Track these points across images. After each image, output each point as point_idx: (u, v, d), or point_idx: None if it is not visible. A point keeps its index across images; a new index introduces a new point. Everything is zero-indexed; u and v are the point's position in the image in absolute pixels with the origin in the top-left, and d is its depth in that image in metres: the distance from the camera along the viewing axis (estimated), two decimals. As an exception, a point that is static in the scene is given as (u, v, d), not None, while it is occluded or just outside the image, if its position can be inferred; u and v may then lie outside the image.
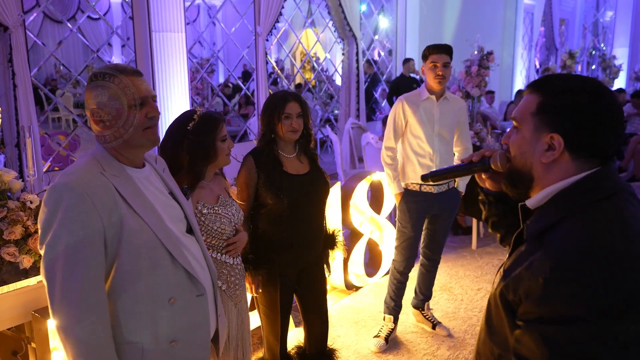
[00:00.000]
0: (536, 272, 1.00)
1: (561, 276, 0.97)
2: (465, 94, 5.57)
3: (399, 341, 3.38)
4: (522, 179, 1.14)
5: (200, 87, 8.20)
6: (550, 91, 1.09)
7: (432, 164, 3.16)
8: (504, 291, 1.10)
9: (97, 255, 1.33)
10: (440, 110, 3.17)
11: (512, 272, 1.09)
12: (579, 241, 0.99)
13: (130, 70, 1.43)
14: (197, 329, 1.53)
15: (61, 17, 6.06)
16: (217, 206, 2.07)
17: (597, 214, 1.02)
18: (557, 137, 1.06)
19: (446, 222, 3.34)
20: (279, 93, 2.49)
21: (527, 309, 1.02)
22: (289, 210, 2.38)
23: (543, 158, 1.09)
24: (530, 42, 11.60)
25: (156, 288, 1.43)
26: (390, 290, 3.38)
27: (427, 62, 3.14)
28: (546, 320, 0.98)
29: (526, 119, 1.11)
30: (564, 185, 1.08)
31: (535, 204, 1.13)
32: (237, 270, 2.15)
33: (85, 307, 1.31)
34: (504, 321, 1.11)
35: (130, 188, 1.42)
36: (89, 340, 1.31)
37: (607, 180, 1.06)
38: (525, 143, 1.12)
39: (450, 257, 4.79)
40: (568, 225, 1.03)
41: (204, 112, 2.13)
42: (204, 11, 14.09)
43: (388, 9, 8.30)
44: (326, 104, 9.68)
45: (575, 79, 1.09)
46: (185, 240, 1.55)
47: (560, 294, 0.96)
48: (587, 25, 14.36)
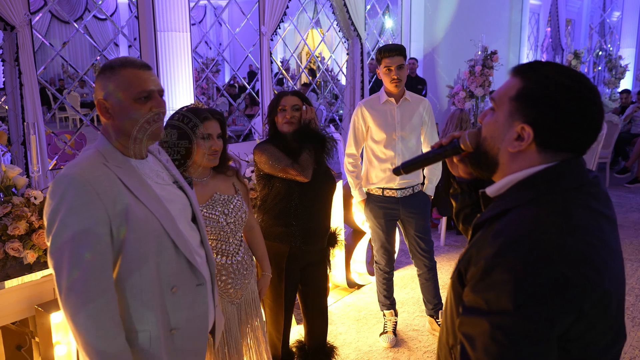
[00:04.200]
0: (480, 259, 1.00)
1: (499, 263, 0.95)
2: (469, 93, 5.57)
3: (400, 338, 3.40)
4: (487, 163, 1.13)
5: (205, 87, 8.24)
6: (532, 79, 1.06)
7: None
8: (456, 278, 1.10)
9: (103, 244, 1.35)
10: (401, 112, 3.09)
11: (465, 256, 1.08)
12: (523, 230, 0.97)
13: (139, 64, 1.44)
14: (196, 317, 1.55)
15: (68, 18, 6.12)
16: (203, 206, 2.01)
17: (545, 207, 1.01)
18: (527, 128, 1.04)
19: (421, 225, 3.22)
20: (281, 92, 2.55)
21: (467, 294, 1.01)
22: (296, 205, 2.42)
23: (510, 147, 1.07)
24: (537, 43, 11.56)
25: (160, 276, 1.45)
26: (381, 289, 3.38)
27: (381, 66, 3.02)
28: (482, 309, 0.96)
29: (504, 102, 1.09)
30: (523, 176, 1.06)
31: (495, 192, 1.12)
32: (231, 269, 2.08)
33: (93, 295, 1.33)
34: (454, 309, 1.10)
35: (134, 178, 1.43)
36: (98, 326, 1.33)
37: (569, 173, 1.04)
38: (497, 127, 1.10)
39: (453, 256, 4.80)
40: (516, 214, 1.02)
41: (191, 106, 2.07)
42: (210, 11, 14.15)
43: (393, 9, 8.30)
44: (331, 104, 9.70)
45: (560, 72, 1.05)
46: (188, 230, 1.57)
47: (495, 283, 0.95)
48: (594, 26, 14.28)
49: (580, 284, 0.92)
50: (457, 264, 1.10)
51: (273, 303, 2.55)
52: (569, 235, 0.95)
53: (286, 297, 2.52)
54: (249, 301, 2.19)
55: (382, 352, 3.26)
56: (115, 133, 1.45)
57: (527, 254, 0.93)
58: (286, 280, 2.50)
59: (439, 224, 5.26)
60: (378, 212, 3.22)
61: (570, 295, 0.91)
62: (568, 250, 0.93)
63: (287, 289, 2.52)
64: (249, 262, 2.18)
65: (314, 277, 2.63)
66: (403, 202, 3.17)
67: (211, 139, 2.00)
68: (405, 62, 3.03)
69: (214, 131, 2.01)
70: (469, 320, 0.99)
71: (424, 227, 3.25)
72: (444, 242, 5.15)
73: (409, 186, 3.17)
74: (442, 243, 5.12)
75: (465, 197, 1.35)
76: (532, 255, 0.93)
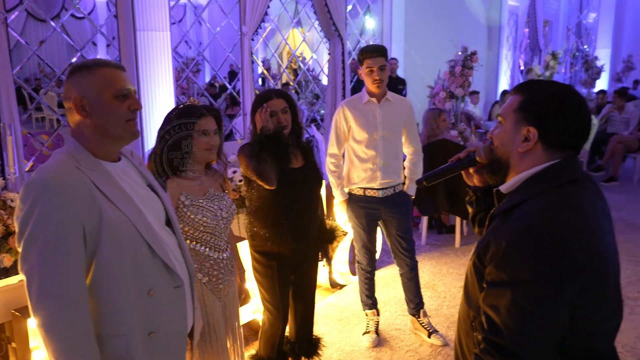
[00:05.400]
0: (501, 239, 1.19)
1: (519, 243, 1.16)
2: (449, 93, 5.61)
3: (382, 338, 3.41)
4: (501, 167, 1.34)
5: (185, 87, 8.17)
6: (530, 92, 1.29)
7: (376, 168, 3.11)
8: (476, 260, 1.29)
9: (76, 249, 1.33)
10: (383, 112, 3.11)
11: (482, 242, 1.28)
12: (538, 216, 1.18)
13: (114, 64, 1.46)
14: (174, 320, 1.54)
15: (45, 16, 6.00)
16: (203, 199, 2.07)
17: (556, 196, 1.22)
18: (532, 129, 1.25)
19: (402, 225, 3.25)
20: (264, 91, 2.54)
21: (490, 271, 1.21)
22: (284, 203, 2.42)
23: (520, 148, 1.28)
24: (515, 43, 11.70)
25: (136, 280, 1.43)
26: (363, 288, 3.40)
27: (363, 67, 3.04)
28: (504, 282, 1.17)
29: (509, 115, 1.31)
30: (532, 172, 1.27)
31: (508, 188, 1.33)
32: (222, 264, 2.13)
33: (65, 302, 1.31)
34: (476, 286, 1.30)
35: (107, 181, 1.42)
36: (69, 335, 1.31)
37: (569, 169, 1.26)
38: (506, 135, 1.31)
39: (434, 255, 4.84)
40: (531, 204, 1.22)
41: (187, 103, 2.13)
42: (190, 10, 14.03)
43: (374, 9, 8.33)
44: (312, 103, 9.69)
45: (552, 85, 1.29)
46: (164, 233, 1.56)
47: (516, 259, 1.16)
48: (571, 27, 14.51)
49: (585, 258, 1.14)
50: (476, 248, 1.31)
51: (269, 304, 2.56)
52: (574, 219, 1.17)
53: (280, 296, 2.53)
54: (232, 300, 2.23)
55: (365, 351, 3.27)
56: (90, 132, 1.43)
57: (542, 236, 1.15)
58: (279, 280, 2.51)
59: (420, 223, 5.30)
60: (360, 212, 3.23)
61: (577, 266, 1.13)
62: (575, 231, 1.15)
63: (281, 288, 2.53)
64: (233, 261, 2.24)
65: (304, 273, 2.66)
66: (384, 202, 3.19)
67: (209, 135, 2.07)
68: (387, 63, 3.05)
69: (210, 127, 2.09)
70: (493, 292, 1.19)
71: (405, 227, 3.26)
72: (425, 241, 5.19)
73: (390, 186, 3.18)
74: (423, 242, 5.15)
75: (480, 203, 1.55)
76: (546, 236, 1.14)
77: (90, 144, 1.44)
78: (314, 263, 2.71)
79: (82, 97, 1.41)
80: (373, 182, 3.16)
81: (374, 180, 3.16)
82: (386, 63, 3.04)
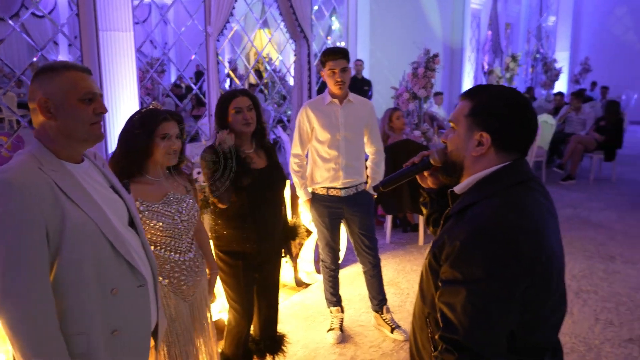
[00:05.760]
0: (455, 239, 1.25)
1: (472, 243, 1.22)
2: (412, 95, 5.72)
3: (347, 334, 3.47)
4: (455, 170, 1.39)
5: (150, 87, 8.09)
6: (479, 98, 1.34)
7: (339, 167, 3.19)
8: (431, 259, 1.35)
9: (39, 249, 1.35)
10: (345, 113, 3.17)
11: (438, 242, 1.33)
12: (490, 217, 1.25)
13: (81, 68, 1.48)
14: (138, 318, 1.57)
15: (3, 15, 5.87)
16: (158, 204, 2.08)
17: (506, 197, 1.29)
18: (486, 135, 1.31)
19: (365, 223, 3.31)
20: (229, 90, 2.57)
21: (445, 270, 1.27)
22: (248, 204, 2.45)
23: (474, 152, 1.34)
24: (478, 45, 11.98)
25: (99, 279, 1.45)
26: (328, 286, 3.47)
27: (325, 68, 3.08)
28: (459, 280, 1.22)
29: (460, 121, 1.36)
30: (484, 174, 1.34)
31: (461, 189, 1.39)
32: (184, 266, 2.14)
33: (30, 301, 1.32)
34: (431, 284, 1.36)
35: (70, 182, 1.43)
36: (35, 334, 1.33)
37: (518, 171, 1.33)
38: (460, 140, 1.36)
39: (398, 253, 4.93)
40: (483, 205, 1.29)
41: (150, 107, 2.15)
42: (155, 10, 13.86)
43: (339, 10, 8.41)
44: (279, 104, 9.72)
45: (500, 90, 1.35)
46: (127, 233, 1.58)
47: (470, 258, 1.22)
48: (531, 30, 14.92)
49: (533, 255, 1.21)
50: (432, 247, 1.36)
51: (235, 303, 2.60)
52: (523, 220, 1.24)
53: (246, 296, 2.57)
54: (200, 299, 2.25)
55: (329, 348, 3.32)
56: (54, 133, 1.44)
57: (494, 236, 1.21)
58: (244, 279, 2.55)
59: (385, 222, 5.39)
60: (323, 211, 3.28)
61: (526, 264, 1.20)
62: (523, 230, 1.22)
63: (246, 288, 2.57)
64: (200, 261, 2.25)
65: (268, 272, 2.71)
66: (347, 201, 3.25)
67: (170, 139, 2.09)
68: (348, 65, 3.11)
69: (172, 131, 2.11)
70: (448, 290, 1.25)
71: (367, 225, 3.33)
72: (390, 239, 5.28)
73: (353, 185, 3.25)
74: (387, 240, 5.25)
75: (434, 204, 1.61)
76: (498, 236, 1.21)
77: (54, 145, 1.45)
78: (277, 262, 2.76)
79: (47, 98, 1.42)
80: (335, 181, 3.22)
81: (336, 179, 3.22)
82: (348, 65, 3.10)
